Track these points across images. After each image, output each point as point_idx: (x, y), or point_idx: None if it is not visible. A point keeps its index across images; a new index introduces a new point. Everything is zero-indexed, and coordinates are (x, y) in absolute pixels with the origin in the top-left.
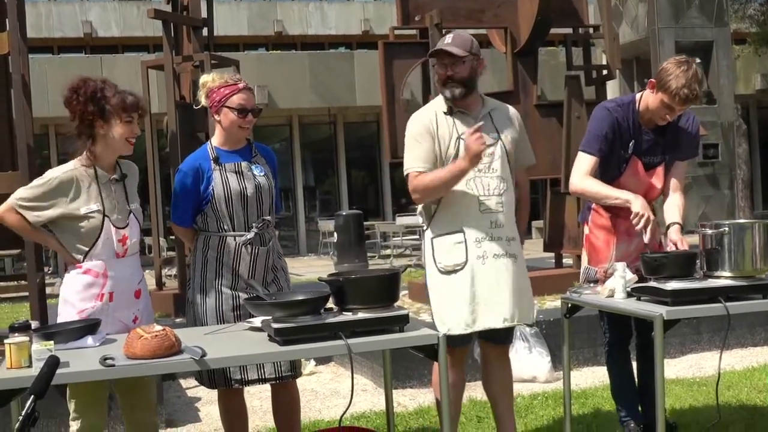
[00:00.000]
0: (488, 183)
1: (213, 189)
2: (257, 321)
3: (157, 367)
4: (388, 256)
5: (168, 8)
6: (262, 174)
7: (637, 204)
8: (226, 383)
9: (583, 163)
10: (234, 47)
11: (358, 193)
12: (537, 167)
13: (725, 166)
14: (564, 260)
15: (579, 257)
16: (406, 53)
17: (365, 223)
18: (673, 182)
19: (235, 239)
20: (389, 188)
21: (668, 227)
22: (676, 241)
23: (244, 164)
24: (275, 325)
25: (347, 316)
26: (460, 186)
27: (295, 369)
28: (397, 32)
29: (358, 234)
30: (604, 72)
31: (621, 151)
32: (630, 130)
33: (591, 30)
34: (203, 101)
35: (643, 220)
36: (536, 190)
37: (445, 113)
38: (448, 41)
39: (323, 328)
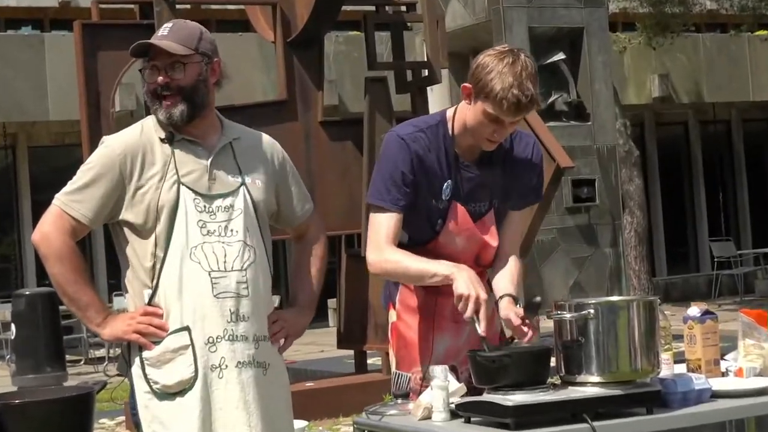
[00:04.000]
0: (224, 252)
1: None
2: None
3: None
4: (101, 360)
5: None
6: None
7: (462, 280)
8: None
9: (380, 227)
10: None
11: None
12: (325, 218)
13: (606, 212)
14: (370, 360)
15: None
16: (118, 40)
17: (63, 306)
18: (506, 242)
19: None
20: (102, 248)
21: (497, 302)
22: (512, 321)
23: None
24: None
25: None
26: (178, 257)
27: None
28: (103, 6)
29: (51, 325)
30: (425, 72)
31: (432, 200)
32: (443, 167)
33: (404, 8)
34: None
35: (471, 304)
36: (329, 250)
37: (162, 140)
38: (163, 33)
39: None
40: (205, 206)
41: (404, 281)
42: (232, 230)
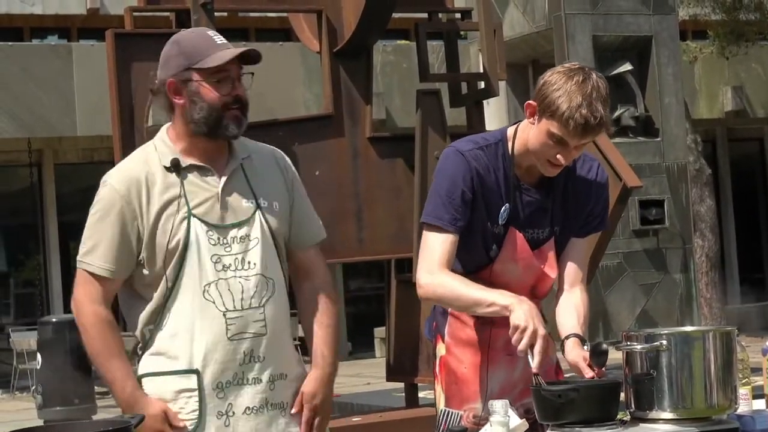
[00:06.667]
0: (241, 288)
1: None
2: None
3: None
4: None
5: None
6: None
7: (520, 312)
8: None
9: (434, 248)
10: None
11: None
12: (375, 242)
13: (676, 235)
14: (421, 393)
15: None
16: (153, 51)
17: None
18: (571, 271)
19: None
20: None
21: (563, 342)
22: (578, 365)
23: None
24: None
25: None
26: (189, 297)
27: None
28: (137, 15)
29: (80, 354)
30: (481, 84)
31: (488, 223)
32: (501, 189)
33: (458, 16)
34: None
35: (527, 337)
36: (378, 276)
37: (167, 168)
38: (222, 40)
39: None
40: (219, 238)
41: (456, 308)
42: (249, 262)
